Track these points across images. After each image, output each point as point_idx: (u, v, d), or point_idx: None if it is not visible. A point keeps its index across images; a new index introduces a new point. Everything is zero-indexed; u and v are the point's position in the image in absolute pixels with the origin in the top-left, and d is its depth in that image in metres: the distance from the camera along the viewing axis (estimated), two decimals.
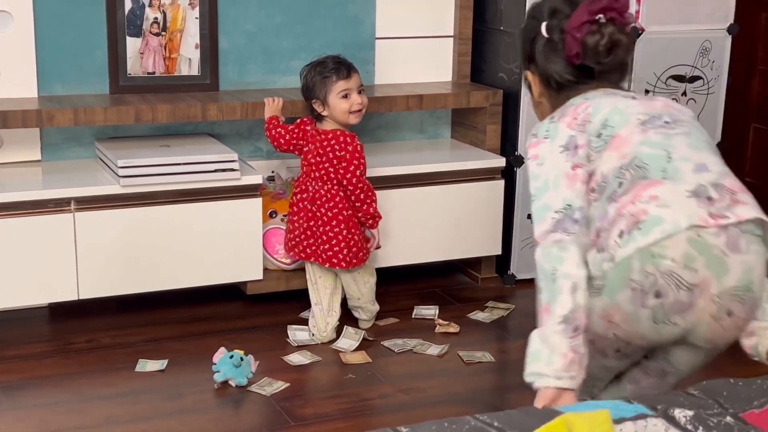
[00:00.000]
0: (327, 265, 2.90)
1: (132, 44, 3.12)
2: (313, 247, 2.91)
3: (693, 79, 3.58)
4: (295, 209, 2.94)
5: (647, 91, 3.50)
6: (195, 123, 3.23)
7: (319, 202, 2.89)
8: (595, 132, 1.80)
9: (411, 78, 3.50)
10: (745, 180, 3.98)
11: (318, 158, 2.89)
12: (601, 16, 1.82)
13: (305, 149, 2.94)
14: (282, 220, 3.13)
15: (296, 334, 2.95)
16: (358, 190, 2.88)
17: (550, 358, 1.74)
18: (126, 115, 2.95)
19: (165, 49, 3.16)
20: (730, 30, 3.58)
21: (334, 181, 2.89)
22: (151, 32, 3.14)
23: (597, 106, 1.82)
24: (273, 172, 3.31)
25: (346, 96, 2.89)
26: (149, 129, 3.21)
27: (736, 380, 1.73)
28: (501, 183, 3.35)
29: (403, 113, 3.45)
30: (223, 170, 2.99)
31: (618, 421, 1.60)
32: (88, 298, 2.93)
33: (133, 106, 2.96)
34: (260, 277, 3.11)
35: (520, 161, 3.41)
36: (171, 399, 2.58)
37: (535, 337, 1.77)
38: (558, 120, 1.85)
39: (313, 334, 2.94)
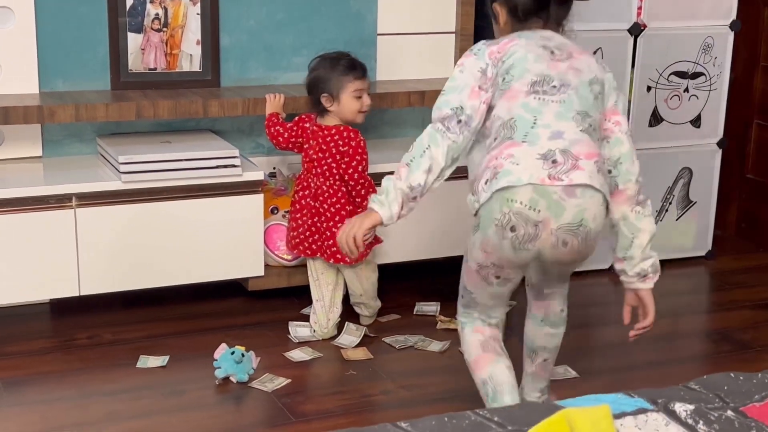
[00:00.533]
0: (332, 261, 2.90)
1: (133, 40, 3.12)
2: (318, 243, 2.91)
3: (695, 75, 3.58)
4: (298, 206, 2.94)
5: (649, 88, 3.50)
6: (196, 119, 3.23)
7: (321, 198, 2.89)
8: (503, 72, 2.17)
9: (413, 74, 3.50)
10: (747, 177, 3.99)
11: (320, 154, 2.89)
12: None
13: (306, 146, 2.94)
14: (283, 216, 3.13)
15: (297, 330, 2.96)
16: (359, 186, 2.88)
17: (389, 201, 2.18)
18: (127, 111, 2.95)
19: (166, 45, 3.16)
20: (732, 26, 3.58)
21: (336, 177, 2.89)
22: (152, 28, 3.14)
23: (515, 49, 2.18)
24: (274, 168, 3.31)
25: (359, 96, 2.90)
26: (150, 125, 3.21)
27: (736, 374, 1.73)
28: None
29: (405, 109, 3.45)
30: (225, 166, 2.99)
31: (618, 415, 1.60)
32: (90, 294, 2.93)
33: (134, 102, 2.96)
34: (261, 273, 3.11)
35: None
36: (172, 395, 2.58)
37: (389, 181, 2.19)
38: (488, 46, 2.23)
39: (314, 331, 2.94)
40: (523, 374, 2.51)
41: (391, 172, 2.20)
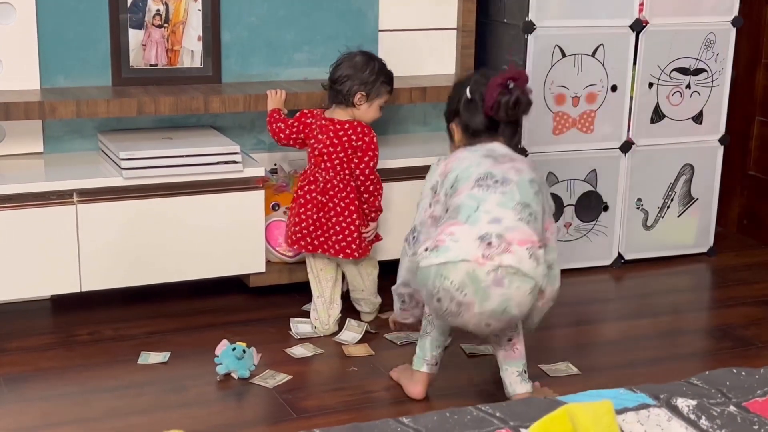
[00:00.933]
0: (341, 255, 2.90)
1: (134, 36, 3.12)
2: (322, 239, 2.91)
3: (697, 71, 3.58)
4: (302, 201, 2.93)
5: (650, 85, 3.50)
6: (197, 115, 3.23)
7: (331, 192, 2.88)
8: (448, 186, 2.46)
9: (414, 70, 3.49)
10: (748, 173, 3.99)
11: (331, 147, 2.88)
12: (510, 82, 2.49)
13: (312, 140, 2.93)
14: (284, 212, 3.13)
15: (298, 326, 2.96)
16: (369, 182, 2.89)
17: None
18: (128, 108, 2.95)
19: (167, 41, 3.16)
20: (734, 22, 3.57)
21: (347, 171, 2.88)
22: (153, 24, 3.14)
23: (458, 163, 2.48)
24: (276, 164, 3.31)
25: (381, 107, 2.95)
26: (152, 121, 3.21)
27: (739, 370, 1.73)
28: None
29: (407, 106, 3.45)
30: (226, 162, 2.99)
31: (620, 411, 1.60)
32: (91, 290, 2.93)
33: (135, 98, 2.96)
34: (263, 269, 3.11)
35: (523, 154, 3.40)
36: (173, 391, 2.58)
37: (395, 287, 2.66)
38: (438, 164, 2.55)
39: (315, 327, 2.94)
40: (499, 364, 2.53)
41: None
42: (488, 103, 2.50)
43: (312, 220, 2.90)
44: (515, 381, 2.50)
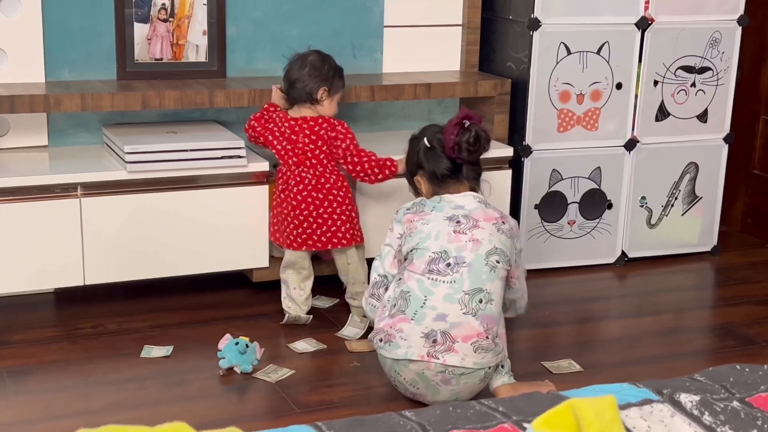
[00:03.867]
0: (352, 243, 2.93)
1: (139, 30, 3.13)
2: (329, 234, 2.91)
3: (702, 70, 3.58)
4: (295, 202, 2.90)
5: (656, 83, 3.50)
6: (202, 110, 3.23)
7: (328, 185, 2.89)
8: (409, 247, 2.53)
9: (419, 67, 3.50)
10: (753, 172, 3.99)
11: (312, 144, 2.90)
12: (465, 121, 2.57)
13: (280, 139, 2.93)
14: None
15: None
16: (360, 163, 2.91)
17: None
18: (133, 101, 2.95)
19: (172, 35, 3.17)
20: (740, 21, 3.57)
21: (332, 163, 2.92)
22: (158, 18, 3.14)
23: (422, 228, 2.53)
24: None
25: (339, 102, 2.99)
26: (156, 115, 3.22)
27: (742, 366, 1.73)
28: (508, 173, 3.35)
29: (411, 102, 3.45)
30: (230, 157, 2.99)
31: (624, 406, 1.60)
32: (94, 283, 2.94)
33: (140, 92, 2.96)
34: (266, 264, 3.11)
35: (528, 151, 3.41)
36: (176, 385, 2.59)
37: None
38: (405, 213, 2.60)
39: (289, 314, 2.95)
40: None
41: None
42: (449, 144, 2.56)
43: (313, 218, 2.90)
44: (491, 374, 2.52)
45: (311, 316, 2.99)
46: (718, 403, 1.59)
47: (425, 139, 2.64)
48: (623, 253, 3.64)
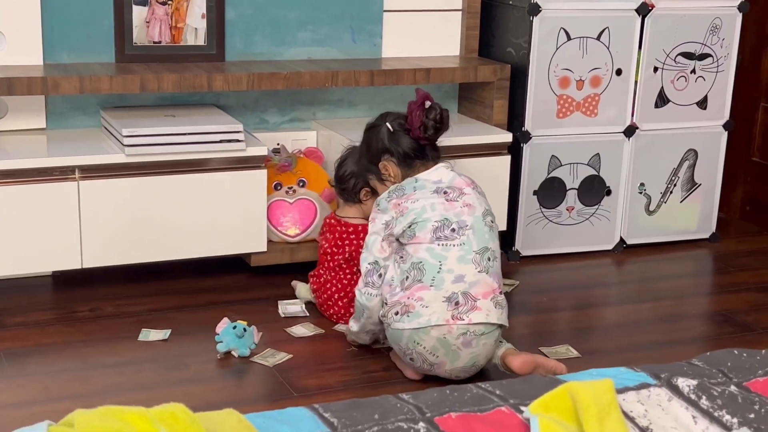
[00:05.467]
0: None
1: (138, 13, 3.12)
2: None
3: (702, 56, 3.57)
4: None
5: (655, 69, 3.50)
6: (201, 93, 3.22)
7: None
8: (406, 225, 2.53)
9: (418, 51, 3.49)
10: (752, 160, 3.99)
11: (335, 248, 2.90)
12: (426, 102, 2.63)
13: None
14: (287, 192, 3.14)
15: (287, 308, 2.94)
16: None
17: (356, 338, 2.70)
18: (131, 84, 2.94)
19: (171, 18, 3.16)
20: (741, 7, 3.56)
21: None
22: (157, 1, 3.13)
23: (414, 205, 2.54)
24: (278, 144, 3.31)
25: None
26: (154, 98, 3.21)
27: (740, 351, 1.74)
28: (507, 159, 3.35)
29: (410, 87, 3.44)
30: (228, 141, 2.99)
31: (621, 390, 1.61)
32: (92, 267, 2.94)
33: (138, 75, 2.95)
34: (264, 249, 3.11)
35: (527, 137, 3.40)
36: (174, 369, 2.59)
37: (350, 325, 2.68)
38: (389, 200, 2.59)
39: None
40: None
41: None
42: (415, 125, 2.63)
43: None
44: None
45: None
46: (716, 388, 1.60)
47: (387, 124, 2.69)
48: (622, 239, 3.64)
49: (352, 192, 2.89)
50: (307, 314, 2.93)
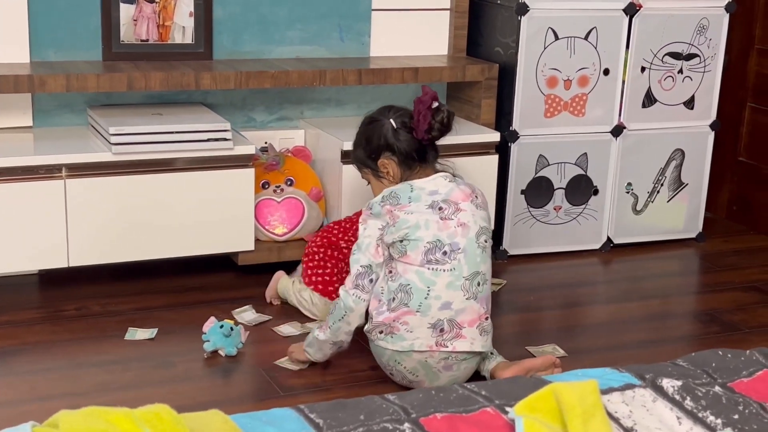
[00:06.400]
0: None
1: (125, 11, 3.11)
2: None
3: (689, 56, 3.58)
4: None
5: (643, 69, 3.50)
6: (188, 92, 3.22)
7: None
8: (398, 237, 2.46)
9: (406, 50, 3.49)
10: (739, 160, 4.00)
11: None
12: (434, 102, 2.52)
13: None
14: (274, 191, 3.13)
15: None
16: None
17: (316, 351, 2.57)
18: (118, 83, 2.94)
19: (159, 16, 3.15)
20: (728, 8, 3.57)
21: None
22: None
23: (407, 218, 2.46)
24: (266, 143, 3.31)
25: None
26: (142, 97, 3.20)
27: (725, 351, 1.74)
28: (495, 158, 3.35)
29: (399, 86, 3.44)
30: (216, 140, 2.98)
31: (606, 391, 1.61)
32: (79, 265, 2.93)
33: (125, 73, 2.95)
34: (252, 248, 3.11)
35: (514, 136, 3.41)
36: (161, 367, 2.58)
37: (314, 334, 2.55)
38: (383, 206, 2.50)
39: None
40: None
41: None
42: (422, 126, 2.52)
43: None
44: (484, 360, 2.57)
45: None
46: (700, 389, 1.60)
47: (391, 120, 2.57)
48: (609, 238, 3.65)
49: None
50: (263, 320, 2.90)
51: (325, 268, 2.91)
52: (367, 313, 2.52)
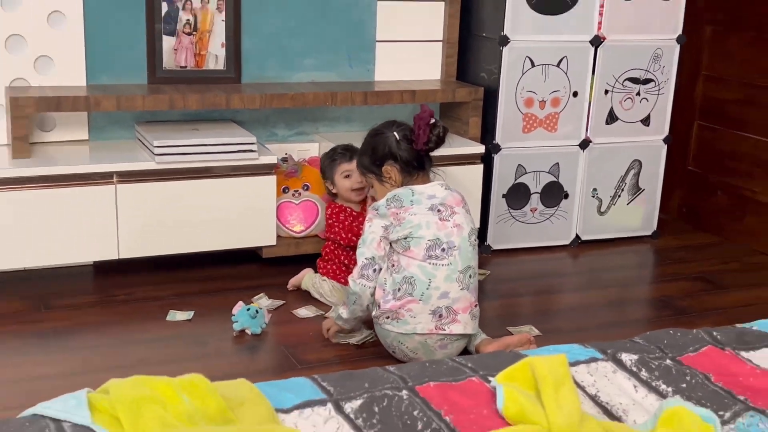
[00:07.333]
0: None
1: (167, 42, 3.11)
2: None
3: (646, 81, 3.58)
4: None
5: (606, 92, 3.50)
6: (220, 110, 3.22)
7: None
8: (402, 235, 2.46)
9: (405, 76, 3.49)
10: (688, 169, 4.00)
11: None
12: (432, 119, 2.54)
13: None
14: (293, 195, 3.13)
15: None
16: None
17: (344, 323, 2.59)
18: (161, 103, 2.94)
19: (195, 46, 3.15)
20: (678, 40, 3.57)
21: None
22: (183, 32, 3.12)
23: (411, 218, 2.46)
24: (286, 154, 3.30)
25: (348, 176, 2.92)
26: (181, 115, 3.20)
27: (675, 331, 1.74)
28: (480, 167, 3.35)
29: (399, 105, 3.44)
30: (243, 151, 2.98)
31: (573, 363, 1.61)
32: (127, 257, 2.93)
33: (167, 95, 2.95)
34: (274, 243, 3.11)
35: (497, 148, 3.41)
36: (196, 345, 2.58)
37: (339, 312, 2.58)
38: (388, 208, 2.50)
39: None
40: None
41: None
42: (422, 139, 2.52)
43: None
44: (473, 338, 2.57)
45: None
46: (654, 362, 1.60)
47: (395, 133, 2.57)
48: (577, 236, 3.65)
49: (328, 189, 3.02)
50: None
51: (336, 262, 2.93)
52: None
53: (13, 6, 2.92)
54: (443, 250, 2.44)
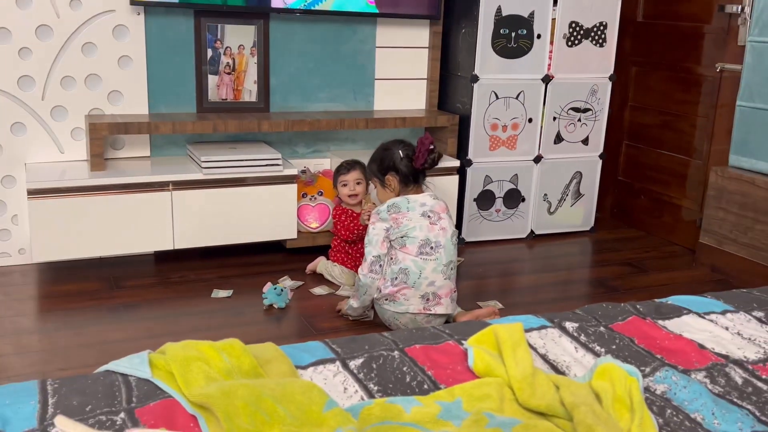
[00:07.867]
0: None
1: (212, 80, 3.11)
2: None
3: (586, 110, 3.57)
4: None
5: (554, 118, 3.50)
6: (253, 133, 3.21)
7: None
8: (399, 235, 2.45)
9: (398, 106, 3.49)
10: (618, 178, 4.00)
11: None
12: (431, 145, 2.53)
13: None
14: (311, 199, 3.13)
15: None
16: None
17: (354, 311, 2.55)
18: (207, 127, 2.93)
19: (234, 83, 3.15)
20: (610, 78, 3.57)
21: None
22: (224, 72, 3.12)
23: (407, 222, 2.44)
24: (305, 167, 3.29)
25: (345, 185, 2.92)
26: (223, 137, 3.20)
27: (607, 304, 1.74)
28: (456, 177, 3.35)
29: (392, 129, 3.44)
30: (271, 165, 2.98)
31: (528, 330, 1.61)
32: (181, 248, 2.93)
33: (211, 121, 2.94)
34: (295, 236, 3.10)
35: (470, 163, 3.40)
36: (235, 315, 2.58)
37: (350, 303, 2.53)
38: (389, 213, 2.48)
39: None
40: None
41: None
42: (420, 160, 2.51)
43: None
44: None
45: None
46: (590, 329, 1.60)
47: (400, 151, 2.56)
48: (532, 231, 3.64)
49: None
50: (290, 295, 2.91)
51: (342, 252, 2.93)
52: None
53: (92, 52, 2.92)
54: (432, 248, 2.44)
